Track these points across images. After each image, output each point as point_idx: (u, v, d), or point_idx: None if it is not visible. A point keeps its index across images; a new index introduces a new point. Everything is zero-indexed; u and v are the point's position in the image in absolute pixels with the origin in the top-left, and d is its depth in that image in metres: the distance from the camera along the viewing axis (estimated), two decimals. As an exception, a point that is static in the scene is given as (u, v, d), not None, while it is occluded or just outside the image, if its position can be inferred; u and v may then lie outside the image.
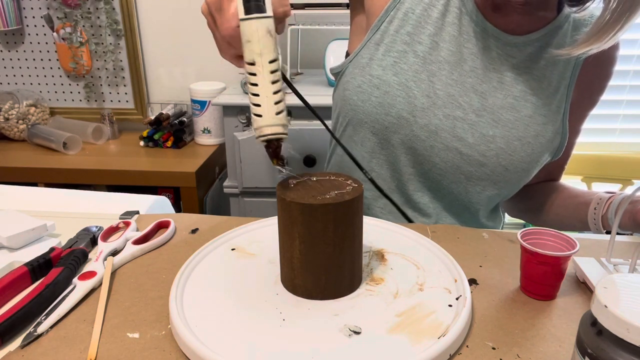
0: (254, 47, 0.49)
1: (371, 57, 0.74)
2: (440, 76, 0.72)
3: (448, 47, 0.72)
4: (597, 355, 0.33)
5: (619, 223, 0.56)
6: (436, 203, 0.80)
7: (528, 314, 0.52)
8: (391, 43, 0.73)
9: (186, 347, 0.45)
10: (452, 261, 0.58)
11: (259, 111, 0.50)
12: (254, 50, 0.49)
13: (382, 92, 0.72)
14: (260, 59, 0.49)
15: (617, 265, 0.58)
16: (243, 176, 1.57)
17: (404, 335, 0.47)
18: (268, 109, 0.50)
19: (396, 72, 0.72)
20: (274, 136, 0.51)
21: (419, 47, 0.72)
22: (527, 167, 0.75)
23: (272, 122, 0.50)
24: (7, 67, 1.96)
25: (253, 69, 0.50)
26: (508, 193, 0.81)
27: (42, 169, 1.66)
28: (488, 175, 0.74)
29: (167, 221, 0.70)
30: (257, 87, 0.50)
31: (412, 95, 0.72)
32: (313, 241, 0.51)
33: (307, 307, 0.52)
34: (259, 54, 0.49)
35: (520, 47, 0.73)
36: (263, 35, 0.49)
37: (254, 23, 0.48)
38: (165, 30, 1.87)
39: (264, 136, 0.51)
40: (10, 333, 0.48)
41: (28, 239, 0.65)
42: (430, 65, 0.72)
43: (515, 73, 0.73)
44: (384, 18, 0.74)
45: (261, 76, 0.50)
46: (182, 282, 0.55)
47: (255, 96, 0.50)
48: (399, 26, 0.73)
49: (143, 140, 1.82)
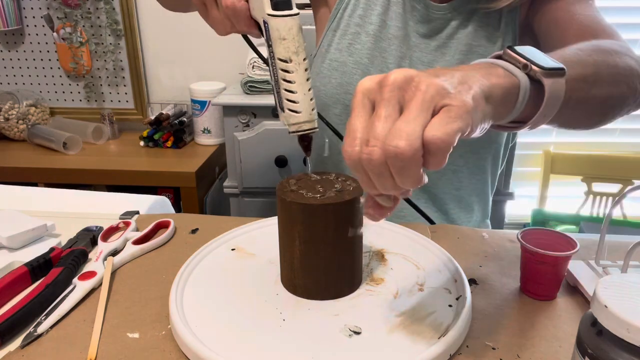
0: (290, 45, 0.50)
1: (329, 44, 0.79)
2: (390, 51, 0.77)
3: (395, 24, 0.77)
4: (597, 355, 0.33)
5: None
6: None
7: (528, 314, 0.52)
8: (346, 27, 0.78)
9: (186, 347, 0.45)
10: (452, 261, 0.58)
11: (297, 107, 0.52)
12: (289, 48, 0.50)
13: (340, 73, 0.77)
14: (296, 57, 0.50)
15: (606, 267, 0.57)
16: (243, 176, 1.57)
17: (404, 335, 0.47)
18: (306, 106, 0.52)
19: (351, 52, 0.77)
20: (311, 131, 0.53)
21: (370, 27, 0.77)
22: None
23: (310, 118, 0.52)
24: (7, 67, 1.96)
25: (290, 67, 0.51)
26: (488, 152, 0.81)
27: (42, 169, 1.66)
28: None
29: (167, 221, 0.70)
30: (293, 85, 0.51)
31: (367, 72, 0.76)
32: (313, 241, 0.51)
33: (307, 307, 0.52)
34: (295, 52, 0.50)
35: (460, 9, 0.76)
36: (297, 33, 0.50)
37: (289, 21, 0.50)
38: (165, 30, 1.87)
39: (303, 131, 0.53)
40: (10, 333, 0.48)
41: (28, 239, 0.65)
42: (381, 42, 0.77)
43: (460, 33, 0.76)
44: (339, 6, 0.79)
45: (298, 74, 0.51)
46: (182, 282, 0.55)
47: (290, 93, 0.51)
48: (352, 10, 0.78)
49: (143, 140, 1.83)
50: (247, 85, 1.59)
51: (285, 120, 0.53)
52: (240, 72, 1.77)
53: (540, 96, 0.43)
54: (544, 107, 0.43)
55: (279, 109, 0.54)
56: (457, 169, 0.80)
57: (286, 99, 0.52)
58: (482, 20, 0.76)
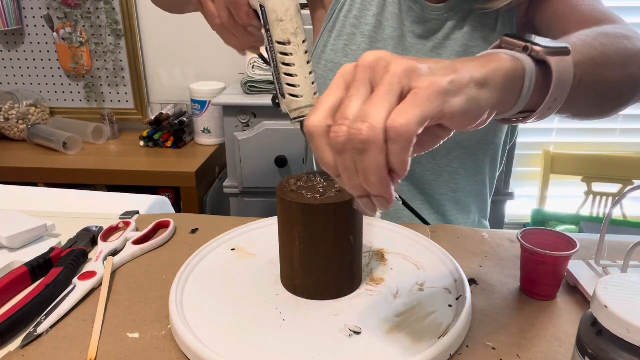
0: (288, 26, 0.48)
1: (325, 44, 0.79)
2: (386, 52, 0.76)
3: (391, 25, 0.77)
4: (597, 355, 0.33)
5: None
6: (410, 185, 0.81)
7: (528, 314, 0.52)
8: (341, 28, 0.78)
9: (186, 347, 0.45)
10: (452, 261, 0.58)
11: (298, 92, 0.50)
12: (287, 29, 0.48)
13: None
14: (295, 38, 0.49)
15: (606, 267, 0.57)
16: (243, 176, 1.57)
17: (404, 335, 0.47)
18: (307, 89, 0.50)
19: (347, 53, 0.77)
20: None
21: (365, 28, 0.77)
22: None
23: (312, 103, 0.50)
24: (7, 67, 1.96)
25: (288, 49, 0.49)
26: (485, 153, 0.81)
27: (42, 169, 1.66)
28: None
29: (167, 221, 0.70)
30: (293, 68, 0.49)
31: None
32: (313, 241, 0.51)
33: (307, 307, 0.52)
34: (293, 34, 0.48)
35: (456, 9, 0.76)
36: (295, 14, 0.48)
37: (286, 1, 0.48)
38: (165, 30, 1.87)
39: (305, 117, 0.49)
40: (10, 333, 0.48)
41: (28, 239, 0.65)
42: (377, 43, 0.77)
43: (456, 34, 0.76)
44: (335, 6, 0.79)
45: (297, 56, 0.49)
46: (182, 282, 0.55)
47: (290, 76, 0.49)
48: (348, 11, 0.78)
49: (143, 140, 1.83)
50: (247, 85, 1.59)
51: (286, 107, 0.51)
52: (240, 72, 1.76)
53: (548, 81, 0.41)
54: (554, 89, 0.41)
55: (280, 96, 0.52)
56: (454, 170, 0.80)
57: (286, 83, 0.50)
58: (479, 20, 0.76)
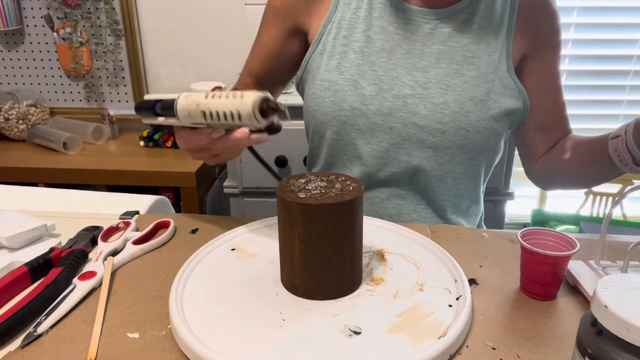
0: (196, 113, 0.57)
1: (318, 66, 0.81)
2: (380, 64, 0.78)
3: (380, 38, 0.78)
4: (597, 355, 0.33)
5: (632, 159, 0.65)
6: (413, 190, 0.81)
7: (528, 314, 0.52)
8: (332, 49, 0.80)
9: (186, 347, 0.45)
10: (452, 261, 0.58)
11: (238, 106, 0.54)
12: (200, 112, 0.57)
13: (333, 92, 0.78)
14: (206, 107, 0.56)
15: (606, 267, 0.57)
16: (243, 176, 1.57)
17: (404, 335, 0.47)
18: (239, 100, 0.54)
19: (341, 71, 0.78)
20: (259, 97, 0.53)
21: (355, 45, 0.79)
22: (488, 125, 0.77)
23: (251, 94, 0.53)
24: (7, 67, 1.96)
25: (207, 112, 0.56)
26: (484, 158, 0.81)
27: (42, 169, 1.66)
28: (452, 142, 0.77)
29: (167, 221, 0.70)
30: (221, 109, 0.56)
31: (359, 86, 0.77)
32: (313, 241, 0.51)
33: (307, 307, 0.52)
34: (202, 111, 0.56)
35: (451, 17, 0.78)
36: (195, 108, 0.57)
37: (186, 105, 0.58)
38: (165, 30, 1.87)
39: (263, 99, 0.54)
40: (10, 333, 0.48)
41: (28, 239, 0.65)
42: (369, 56, 0.78)
43: (452, 42, 0.78)
44: (322, 32, 0.81)
45: (218, 101, 0.56)
46: (182, 282, 0.55)
47: (230, 110, 0.55)
48: (336, 33, 0.80)
49: (143, 140, 1.82)
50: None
51: (248, 110, 0.54)
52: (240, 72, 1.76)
53: None
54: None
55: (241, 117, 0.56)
56: (457, 176, 0.80)
57: (225, 110, 0.55)
58: (473, 27, 0.78)
